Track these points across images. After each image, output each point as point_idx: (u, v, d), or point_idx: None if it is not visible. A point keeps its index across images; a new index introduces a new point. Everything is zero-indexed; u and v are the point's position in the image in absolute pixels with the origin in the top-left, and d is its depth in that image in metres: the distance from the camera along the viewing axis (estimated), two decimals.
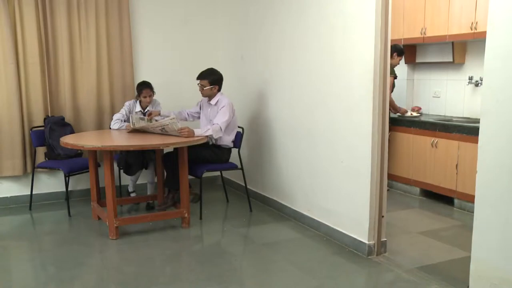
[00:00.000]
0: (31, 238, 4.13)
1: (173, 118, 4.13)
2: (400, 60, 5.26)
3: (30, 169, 4.84)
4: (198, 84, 4.51)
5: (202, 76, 4.48)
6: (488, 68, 2.57)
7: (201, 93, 4.53)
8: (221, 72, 4.53)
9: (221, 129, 4.32)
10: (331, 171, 3.89)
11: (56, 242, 4.01)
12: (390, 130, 5.02)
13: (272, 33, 4.58)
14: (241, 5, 5.17)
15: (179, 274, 3.44)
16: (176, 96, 5.33)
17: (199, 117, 4.74)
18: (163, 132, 4.20)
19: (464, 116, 5.14)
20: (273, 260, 3.57)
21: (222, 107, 4.39)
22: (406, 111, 5.39)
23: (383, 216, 3.56)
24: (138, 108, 4.69)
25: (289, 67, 4.35)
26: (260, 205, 4.87)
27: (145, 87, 4.64)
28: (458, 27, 4.78)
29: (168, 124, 4.09)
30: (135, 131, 4.36)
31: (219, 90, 4.53)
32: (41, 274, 3.42)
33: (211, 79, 4.46)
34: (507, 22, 2.45)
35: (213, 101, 4.52)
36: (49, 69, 4.83)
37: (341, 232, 3.78)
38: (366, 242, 3.53)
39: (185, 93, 5.23)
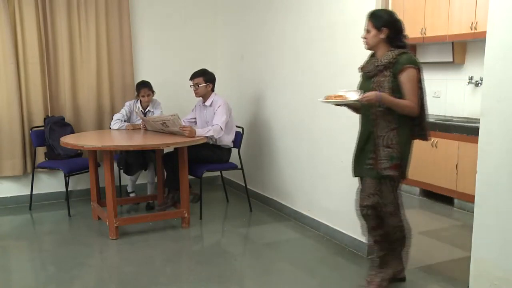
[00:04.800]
0: (31, 238, 4.13)
1: (175, 115, 4.10)
2: None
3: (30, 169, 4.84)
4: (191, 85, 4.50)
5: (195, 75, 4.47)
6: (488, 68, 2.57)
7: (196, 93, 4.50)
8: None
9: (221, 129, 4.33)
10: (331, 171, 3.89)
11: (56, 242, 4.01)
12: None
13: (272, 33, 4.58)
14: (241, 5, 5.17)
15: (179, 274, 3.44)
16: (176, 96, 5.32)
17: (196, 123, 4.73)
18: (164, 127, 4.18)
19: (464, 116, 5.13)
20: (273, 260, 3.57)
21: (219, 106, 4.38)
22: None
23: None
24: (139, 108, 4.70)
25: (289, 67, 4.35)
26: (260, 205, 4.87)
27: (143, 87, 4.64)
28: (458, 27, 4.78)
29: (169, 120, 4.08)
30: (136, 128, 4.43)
31: (212, 90, 4.53)
32: (41, 274, 3.41)
33: (206, 77, 4.46)
34: (507, 22, 2.45)
35: (207, 102, 4.50)
36: (49, 69, 4.83)
37: (341, 232, 3.78)
38: (366, 242, 3.52)
39: (185, 93, 5.20)
